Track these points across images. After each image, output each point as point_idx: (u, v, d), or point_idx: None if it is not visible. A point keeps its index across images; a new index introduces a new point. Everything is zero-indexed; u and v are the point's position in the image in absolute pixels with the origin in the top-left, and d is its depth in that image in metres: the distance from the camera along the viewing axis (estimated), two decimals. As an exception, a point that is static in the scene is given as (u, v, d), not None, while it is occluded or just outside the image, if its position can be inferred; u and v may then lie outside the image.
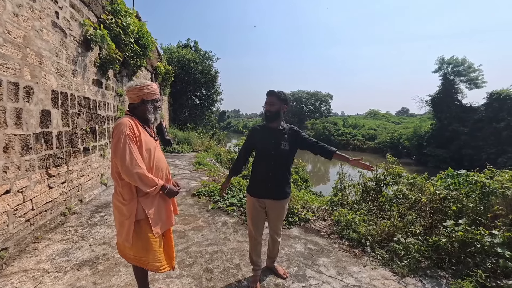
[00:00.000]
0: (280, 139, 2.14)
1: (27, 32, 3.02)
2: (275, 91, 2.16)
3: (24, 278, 2.30)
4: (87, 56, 4.57)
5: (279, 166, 2.16)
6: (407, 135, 27.94)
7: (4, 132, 2.66)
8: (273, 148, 2.13)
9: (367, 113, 48.53)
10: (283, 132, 2.17)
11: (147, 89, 1.76)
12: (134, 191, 1.66)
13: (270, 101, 2.14)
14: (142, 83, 1.77)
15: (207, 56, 21.71)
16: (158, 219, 1.74)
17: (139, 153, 1.63)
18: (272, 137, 2.17)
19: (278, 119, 2.18)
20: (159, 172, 1.78)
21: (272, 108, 2.14)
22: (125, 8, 5.94)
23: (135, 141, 1.61)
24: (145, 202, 1.67)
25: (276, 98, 2.14)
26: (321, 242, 3.11)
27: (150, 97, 1.77)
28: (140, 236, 1.68)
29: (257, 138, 2.27)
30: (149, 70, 9.93)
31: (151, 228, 1.69)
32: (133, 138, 1.61)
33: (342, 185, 4.43)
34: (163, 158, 1.89)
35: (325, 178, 18.98)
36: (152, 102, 1.81)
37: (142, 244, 1.69)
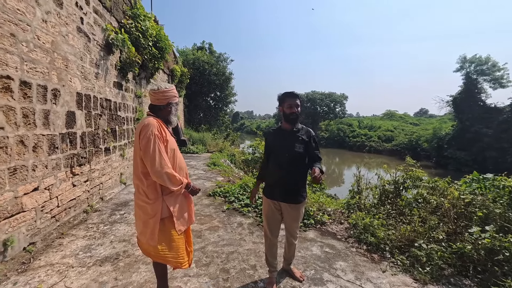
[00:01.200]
0: (295, 141, 2.12)
1: (55, 38, 3.17)
2: (297, 92, 2.16)
3: (50, 272, 2.41)
4: (109, 59, 4.75)
5: (294, 169, 2.13)
6: (426, 136, 26.96)
7: (34, 132, 2.81)
8: (287, 150, 2.12)
9: (383, 114, 47.26)
10: (297, 135, 2.15)
11: (173, 92, 1.86)
12: (159, 190, 1.71)
13: (295, 103, 2.12)
14: (170, 86, 1.85)
15: (221, 58, 21.96)
16: (181, 216, 1.80)
17: (166, 153, 1.69)
18: (287, 139, 2.16)
19: (298, 121, 2.20)
20: (181, 171, 1.84)
21: (297, 110, 2.14)
22: (144, 12, 6.12)
23: (162, 141, 1.67)
24: (169, 200, 1.73)
25: (299, 100, 2.15)
26: (338, 245, 3.06)
27: (174, 100, 1.87)
28: (164, 234, 1.73)
29: (271, 142, 2.28)
30: (166, 72, 10.17)
31: (175, 226, 1.74)
32: (161, 138, 1.67)
33: (359, 188, 4.33)
34: (183, 158, 1.95)
35: (340, 181, 18.65)
36: (174, 105, 1.89)
37: (166, 241, 1.74)
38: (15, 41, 2.55)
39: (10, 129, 2.48)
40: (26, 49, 2.70)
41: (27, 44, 2.70)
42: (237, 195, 4.59)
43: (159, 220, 1.70)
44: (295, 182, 2.15)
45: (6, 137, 2.44)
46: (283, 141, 2.17)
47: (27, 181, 2.72)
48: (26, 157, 2.70)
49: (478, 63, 23.09)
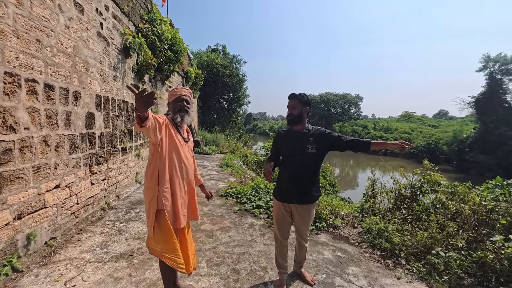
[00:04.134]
0: (306, 142, 2.09)
1: (76, 42, 3.33)
2: (297, 94, 2.13)
3: (69, 266, 2.52)
4: (126, 62, 4.91)
5: (305, 170, 2.11)
6: (446, 139, 25.92)
7: (56, 132, 2.95)
8: (299, 152, 2.10)
9: (400, 116, 45.88)
10: (308, 135, 2.12)
11: (170, 93, 1.94)
12: (156, 178, 1.75)
13: (291, 104, 2.12)
14: (171, 89, 1.95)
15: (235, 59, 22.16)
16: (171, 214, 1.79)
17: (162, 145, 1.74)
18: (297, 141, 2.13)
19: (301, 122, 2.14)
20: (180, 171, 1.84)
21: (294, 111, 2.11)
22: (160, 16, 6.29)
23: (160, 123, 1.68)
24: (164, 194, 1.74)
25: (297, 101, 2.10)
26: (351, 250, 2.99)
27: (171, 99, 1.92)
28: (160, 226, 1.75)
29: (281, 142, 2.24)
30: (180, 75, 10.38)
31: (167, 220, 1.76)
32: (161, 120, 1.70)
33: (373, 192, 4.23)
34: (191, 160, 1.97)
35: (354, 184, 18.27)
36: (173, 103, 1.90)
37: (162, 234, 1.75)
38: (40, 46, 2.70)
39: (34, 129, 2.62)
40: (50, 53, 2.84)
41: (51, 49, 2.85)
42: (249, 196, 4.60)
43: (156, 210, 1.73)
44: (306, 183, 2.12)
45: (31, 137, 2.58)
46: (294, 143, 2.14)
47: (49, 179, 2.86)
48: (49, 156, 2.84)
49: (503, 62, 21.94)
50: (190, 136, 2.08)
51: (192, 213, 2.01)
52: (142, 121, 1.50)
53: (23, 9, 2.47)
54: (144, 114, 1.48)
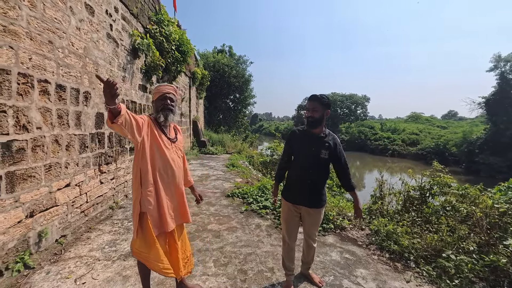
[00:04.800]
0: (321, 147, 2.07)
1: (87, 44, 3.38)
2: (318, 95, 2.06)
3: (79, 263, 2.56)
4: (135, 63, 4.97)
5: (317, 174, 2.10)
6: (455, 140, 25.44)
7: (67, 132, 3.01)
8: (313, 156, 2.07)
9: (408, 117, 45.24)
10: (324, 140, 2.09)
11: (154, 90, 1.86)
12: (138, 180, 1.69)
13: (313, 107, 2.04)
14: (154, 87, 1.87)
15: (241, 60, 22.22)
16: (156, 218, 1.72)
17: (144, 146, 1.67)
18: (313, 144, 2.09)
19: (321, 125, 2.10)
20: (166, 173, 1.76)
21: (315, 114, 2.04)
22: (168, 17, 6.36)
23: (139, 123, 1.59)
24: (147, 197, 1.68)
25: (319, 104, 2.04)
26: (359, 252, 2.96)
27: (155, 97, 1.84)
28: (143, 230, 1.69)
29: (296, 143, 2.20)
30: (187, 75, 10.45)
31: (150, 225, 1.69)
32: (141, 120, 1.62)
33: (381, 193, 4.18)
34: (178, 162, 1.86)
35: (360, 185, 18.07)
36: (157, 101, 1.81)
37: (144, 238, 1.69)
38: (53, 47, 2.76)
39: (46, 129, 2.68)
40: (62, 55, 2.90)
41: (62, 50, 2.91)
42: (255, 197, 4.60)
43: (139, 212, 1.67)
44: (317, 186, 2.12)
45: (43, 136, 2.64)
46: (309, 145, 2.10)
47: (60, 178, 2.91)
48: (60, 155, 2.90)
49: (515, 62, 21.44)
50: (179, 135, 1.98)
51: (182, 216, 1.91)
52: (114, 116, 1.38)
53: (36, 11, 2.53)
54: (114, 107, 1.35)
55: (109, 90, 1.30)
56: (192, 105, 11.69)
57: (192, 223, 3.64)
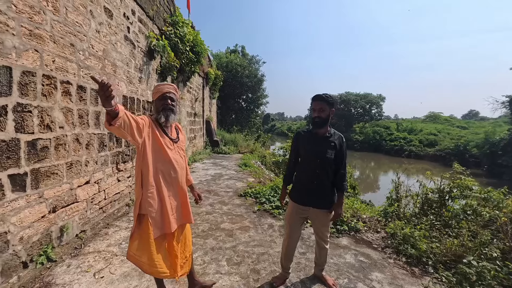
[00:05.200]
0: (327, 147, 2.07)
1: (106, 46, 3.50)
2: (323, 95, 2.05)
3: (98, 258, 2.65)
4: (151, 64, 5.09)
5: (324, 175, 2.09)
6: (476, 141, 24.33)
7: (87, 131, 3.12)
8: (319, 156, 2.07)
9: (425, 117, 43.72)
10: (330, 140, 2.09)
11: (154, 89, 1.83)
12: (140, 180, 1.67)
13: (320, 107, 2.04)
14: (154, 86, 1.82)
15: (253, 60, 22.27)
16: (158, 219, 1.69)
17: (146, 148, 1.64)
18: (319, 144, 2.10)
19: (326, 125, 2.10)
20: (168, 174, 1.74)
21: (322, 114, 2.05)
22: (182, 19, 6.46)
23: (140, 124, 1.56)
24: (147, 199, 1.65)
25: (326, 104, 2.04)
26: (374, 255, 2.89)
27: (155, 97, 1.80)
28: (140, 232, 1.66)
29: (302, 144, 2.20)
30: (201, 76, 10.59)
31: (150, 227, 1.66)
32: (141, 121, 1.59)
33: (398, 195, 4.06)
34: (181, 162, 1.83)
35: (375, 186, 17.65)
36: (157, 101, 1.78)
37: (140, 241, 1.66)
38: (74, 50, 2.87)
39: (68, 128, 2.79)
40: (83, 57, 3.01)
41: (83, 53, 3.02)
42: (268, 197, 4.60)
43: (138, 213, 1.65)
44: (325, 187, 2.10)
45: (65, 135, 2.75)
46: (315, 145, 2.11)
47: (81, 175, 3.03)
48: (80, 153, 3.01)
49: (544, 59, 20.21)
50: (181, 135, 1.95)
51: (184, 217, 1.88)
52: (112, 118, 1.35)
53: (59, 15, 2.64)
54: (112, 109, 1.31)
55: (103, 92, 1.26)
56: (206, 105, 11.82)
57: (205, 221, 3.69)
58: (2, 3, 2.02)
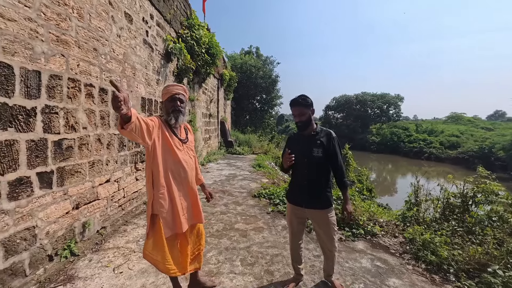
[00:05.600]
0: (312, 145, 2.06)
1: (126, 50, 3.63)
2: (299, 99, 2.05)
3: (117, 254, 2.75)
4: (168, 67, 5.23)
5: (314, 174, 2.06)
6: (503, 143, 23.01)
7: (108, 132, 3.25)
8: (306, 155, 2.06)
9: (447, 117, 41.88)
10: (315, 138, 2.08)
11: (163, 90, 1.84)
12: (151, 183, 1.71)
13: (299, 112, 2.05)
14: (166, 86, 1.84)
15: (268, 61, 22.28)
16: (169, 220, 1.73)
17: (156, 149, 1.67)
18: (304, 144, 2.11)
19: (310, 125, 2.10)
20: (178, 174, 1.78)
21: (303, 118, 2.06)
22: (198, 22, 6.59)
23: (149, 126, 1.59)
24: (158, 200, 1.69)
25: (303, 107, 2.04)
26: (391, 260, 2.81)
27: (164, 98, 1.82)
28: (154, 232, 1.72)
29: (291, 146, 2.20)
30: (216, 77, 10.73)
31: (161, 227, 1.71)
32: (152, 122, 1.62)
33: (417, 199, 3.92)
34: (190, 162, 1.87)
35: (392, 189, 17.12)
36: (166, 102, 1.80)
37: (154, 240, 1.72)
38: (97, 54, 3.00)
39: (91, 128, 2.92)
40: (104, 60, 3.15)
41: (105, 57, 3.15)
42: (282, 198, 4.58)
43: (151, 214, 1.71)
44: (317, 187, 2.08)
45: (88, 136, 2.88)
46: (301, 146, 2.12)
47: (102, 174, 3.16)
48: (102, 153, 3.14)
49: None
50: (190, 135, 1.98)
51: (195, 217, 1.92)
52: (124, 122, 1.37)
53: (84, 21, 2.77)
54: (126, 114, 1.34)
55: (114, 103, 1.29)
56: (220, 106, 11.96)
57: (219, 221, 3.73)
58: (33, 11, 2.15)
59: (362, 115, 41.33)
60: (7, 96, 1.96)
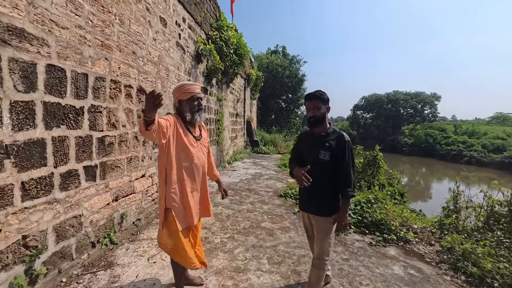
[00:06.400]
0: (320, 147, 1.87)
1: (160, 52, 3.82)
2: (316, 93, 1.91)
3: (151, 245, 2.92)
4: (198, 67, 5.41)
5: (319, 179, 1.84)
6: (561, 148, 20.48)
7: (144, 130, 3.45)
8: (312, 157, 1.90)
9: (491, 118, 38.25)
10: (325, 139, 1.89)
11: (182, 89, 1.85)
12: (164, 178, 1.78)
13: (314, 106, 1.89)
14: (178, 85, 1.87)
15: (294, 60, 22.05)
16: (181, 213, 1.81)
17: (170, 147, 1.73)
18: (312, 145, 1.94)
19: (322, 123, 1.93)
20: (190, 171, 1.84)
21: (317, 113, 1.89)
22: (227, 23, 6.72)
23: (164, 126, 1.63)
24: (171, 195, 1.77)
25: (320, 101, 1.89)
26: (426, 269, 2.65)
27: (185, 97, 1.84)
28: (168, 224, 1.80)
29: (301, 144, 2.09)
30: (243, 77, 10.87)
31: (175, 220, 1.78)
32: (166, 123, 1.66)
33: (456, 206, 3.65)
34: (203, 159, 1.95)
35: (425, 195, 16.06)
36: (188, 102, 1.85)
37: (169, 232, 1.80)
38: (135, 57, 3.20)
39: (129, 126, 3.13)
40: (142, 63, 3.35)
41: (142, 59, 3.35)
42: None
43: (164, 208, 1.79)
44: (321, 192, 1.90)
45: (127, 133, 3.09)
46: (309, 146, 1.97)
47: (138, 169, 3.36)
48: (138, 149, 3.35)
49: None
50: (204, 132, 2.03)
51: (205, 211, 2.03)
52: (148, 125, 1.46)
53: (124, 27, 2.97)
54: (151, 118, 1.44)
55: (153, 100, 1.36)
56: (247, 106, 12.10)
57: (246, 219, 3.79)
58: (82, 19, 2.36)
59: (394, 115, 39.19)
60: (60, 96, 2.17)
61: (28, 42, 1.87)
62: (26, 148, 1.88)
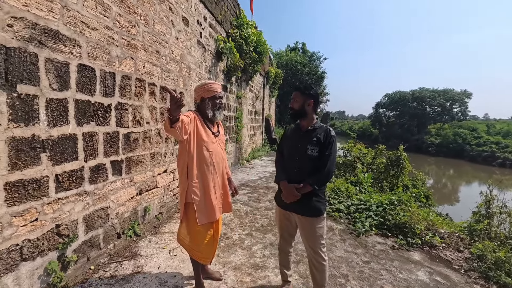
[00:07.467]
0: (307, 142, 1.80)
1: (182, 51, 3.90)
2: (300, 86, 1.92)
3: (172, 238, 3.01)
4: (218, 65, 5.47)
5: (305, 175, 1.78)
6: None
7: (166, 127, 3.56)
8: (298, 152, 1.82)
9: (530, 117, 35.30)
10: (312, 134, 1.82)
11: (205, 87, 1.91)
12: (186, 174, 1.83)
13: (294, 98, 1.89)
14: (202, 83, 1.93)
15: (314, 57, 21.67)
16: (203, 208, 1.84)
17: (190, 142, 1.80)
18: (299, 139, 1.86)
19: (305, 117, 1.86)
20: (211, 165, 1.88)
21: (294, 105, 1.87)
22: (246, 21, 6.72)
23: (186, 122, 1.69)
24: (192, 189, 1.81)
25: (299, 93, 1.86)
26: (454, 277, 2.51)
27: (208, 95, 1.91)
28: (188, 219, 1.86)
29: (285, 139, 2.02)
30: (262, 75, 10.85)
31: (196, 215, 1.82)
32: (187, 119, 1.73)
33: (488, 211, 3.42)
34: (222, 154, 2.00)
35: (453, 198, 15.21)
36: (210, 100, 1.92)
37: (188, 227, 1.86)
38: (159, 56, 3.30)
39: (153, 123, 3.24)
40: (165, 61, 3.44)
41: (165, 58, 3.44)
42: (328, 199, 4.44)
43: (185, 203, 1.84)
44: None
45: (150, 130, 3.20)
46: (295, 140, 1.89)
47: (160, 165, 3.48)
48: (161, 146, 3.46)
49: None
50: (221, 129, 2.10)
51: (226, 206, 2.05)
52: (172, 123, 1.55)
53: (148, 27, 3.07)
54: (176, 116, 1.54)
55: (175, 101, 1.47)
56: (265, 103, 12.08)
57: (264, 216, 3.80)
58: (110, 20, 2.46)
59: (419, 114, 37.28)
60: (90, 94, 2.29)
61: (62, 43, 1.98)
62: (59, 143, 2.00)
